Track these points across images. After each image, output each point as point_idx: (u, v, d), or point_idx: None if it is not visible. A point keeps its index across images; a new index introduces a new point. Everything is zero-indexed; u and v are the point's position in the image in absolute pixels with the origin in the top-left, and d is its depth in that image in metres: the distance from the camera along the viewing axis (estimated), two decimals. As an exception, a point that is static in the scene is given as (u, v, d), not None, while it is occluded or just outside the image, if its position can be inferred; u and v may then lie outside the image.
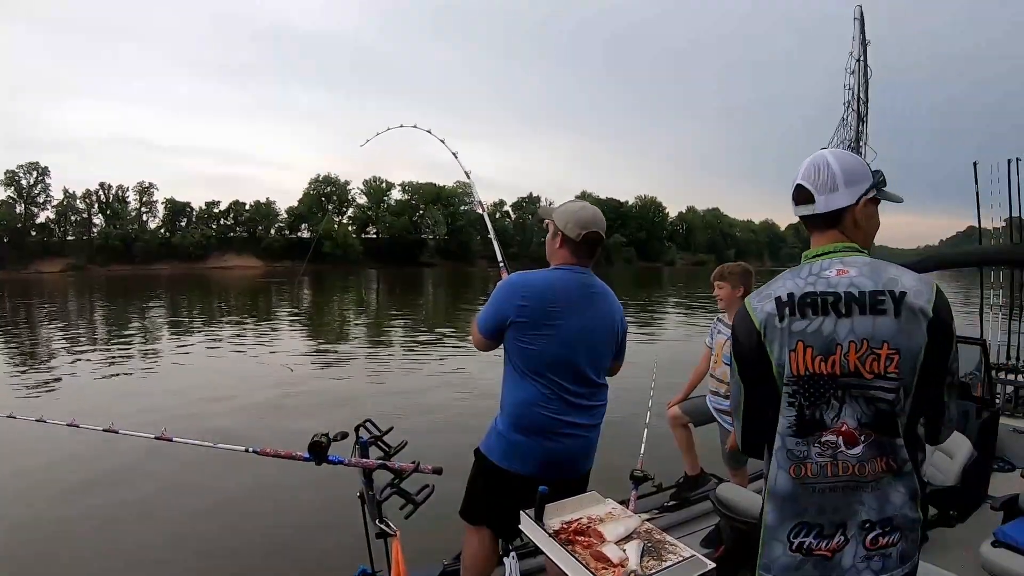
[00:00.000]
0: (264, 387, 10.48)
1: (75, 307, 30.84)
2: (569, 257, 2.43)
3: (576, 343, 2.35)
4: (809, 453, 1.50)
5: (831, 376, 1.48)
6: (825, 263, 1.55)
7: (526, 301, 2.33)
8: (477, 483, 2.51)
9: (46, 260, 74.13)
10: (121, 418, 2.85)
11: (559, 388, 2.34)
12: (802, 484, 1.51)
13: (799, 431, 1.51)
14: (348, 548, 2.80)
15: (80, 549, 4.91)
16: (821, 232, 1.61)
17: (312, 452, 2.24)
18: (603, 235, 2.45)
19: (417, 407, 8.92)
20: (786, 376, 1.52)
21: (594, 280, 2.46)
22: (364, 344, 16.77)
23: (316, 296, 37.07)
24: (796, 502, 1.52)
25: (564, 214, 2.43)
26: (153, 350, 15.36)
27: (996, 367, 5.81)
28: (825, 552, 1.49)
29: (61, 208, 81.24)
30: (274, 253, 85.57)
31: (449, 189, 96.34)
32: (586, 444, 2.44)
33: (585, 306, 2.40)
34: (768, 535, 1.56)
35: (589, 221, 2.41)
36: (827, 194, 1.57)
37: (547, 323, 2.31)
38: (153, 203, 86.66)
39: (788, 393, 1.52)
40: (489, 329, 2.41)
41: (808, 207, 1.60)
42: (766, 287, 1.60)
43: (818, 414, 1.49)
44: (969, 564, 3.21)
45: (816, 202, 1.59)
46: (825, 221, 1.59)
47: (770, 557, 1.55)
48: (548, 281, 2.40)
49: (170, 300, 33.66)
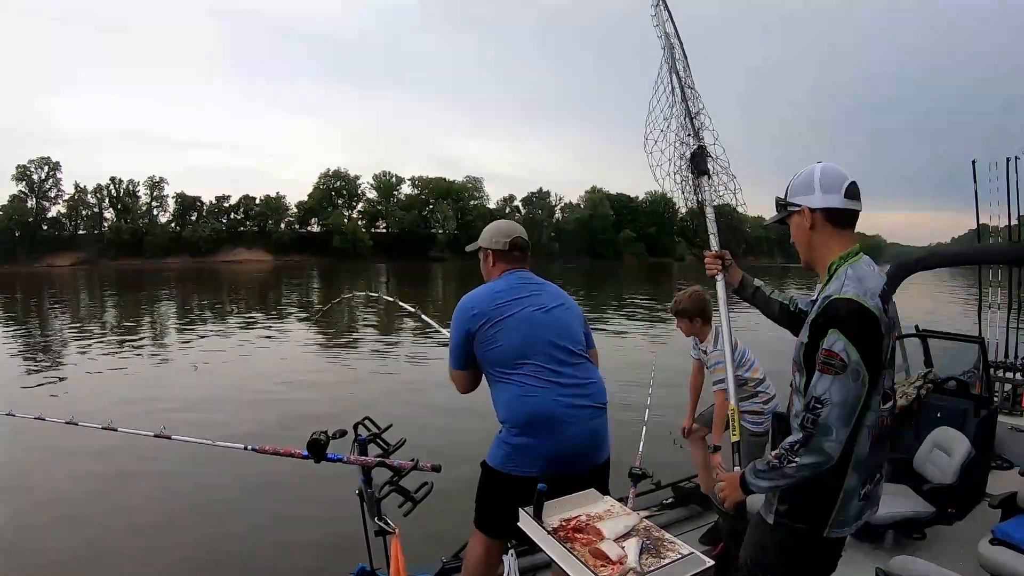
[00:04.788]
0: (264, 385, 10.42)
1: (85, 301, 31.02)
2: (503, 267, 2.61)
3: (538, 322, 2.44)
4: (873, 418, 1.79)
5: (891, 347, 1.82)
6: (866, 259, 1.84)
7: (476, 309, 2.44)
8: (488, 496, 2.47)
9: (57, 254, 74.57)
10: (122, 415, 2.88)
11: (540, 371, 2.36)
12: (876, 442, 1.81)
13: (883, 399, 1.81)
14: (347, 545, 2.82)
15: (80, 548, 4.92)
16: (849, 230, 1.87)
17: (311, 450, 2.26)
18: (526, 240, 2.67)
19: (417, 405, 8.90)
20: (887, 358, 1.80)
21: (533, 276, 2.62)
22: (370, 340, 16.76)
23: (325, 291, 37.06)
24: (870, 459, 1.81)
25: (487, 233, 2.67)
26: (160, 345, 15.43)
27: (994, 365, 5.80)
28: (874, 488, 1.86)
29: (72, 202, 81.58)
30: (284, 247, 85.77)
31: (459, 184, 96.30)
32: (591, 431, 2.39)
33: (531, 291, 2.53)
34: (847, 498, 1.81)
35: (510, 229, 2.66)
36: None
37: (502, 316, 2.41)
38: (163, 197, 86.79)
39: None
40: (460, 358, 2.49)
41: (859, 204, 1.87)
42: (859, 283, 1.75)
43: (887, 381, 1.83)
44: (967, 561, 3.22)
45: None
46: (856, 220, 1.89)
47: (846, 514, 1.82)
48: (490, 287, 2.56)
49: (180, 294, 33.77)
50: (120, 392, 10.05)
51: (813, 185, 1.85)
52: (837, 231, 1.86)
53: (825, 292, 1.81)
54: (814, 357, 1.76)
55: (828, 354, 1.70)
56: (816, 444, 1.71)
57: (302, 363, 12.44)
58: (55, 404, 9.25)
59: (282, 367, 12.01)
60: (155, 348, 15.04)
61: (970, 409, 4.32)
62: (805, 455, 1.73)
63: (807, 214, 1.86)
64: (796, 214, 1.90)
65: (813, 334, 1.78)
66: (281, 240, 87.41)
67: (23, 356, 14.09)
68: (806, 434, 1.73)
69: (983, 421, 4.29)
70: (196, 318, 22.71)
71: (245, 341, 15.75)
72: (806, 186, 1.86)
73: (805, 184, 1.87)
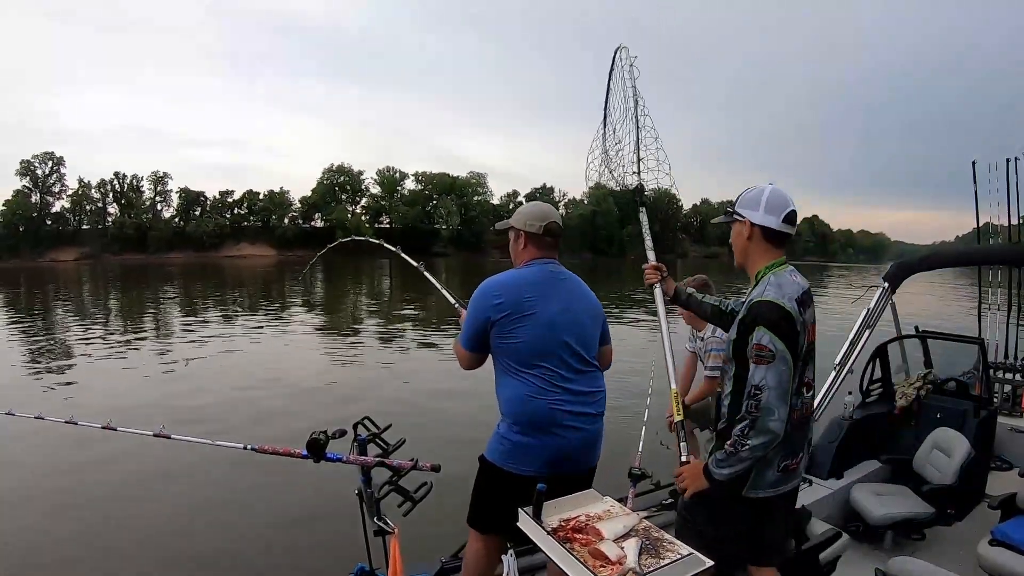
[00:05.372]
0: (265, 382, 10.40)
1: (88, 296, 31.09)
2: (534, 252, 2.52)
3: (559, 324, 2.39)
4: (797, 402, 2.08)
5: (810, 344, 2.14)
6: (790, 268, 2.17)
7: (501, 298, 2.38)
8: (483, 490, 2.49)
9: (61, 249, 74.63)
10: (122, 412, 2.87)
11: (552, 376, 2.35)
12: (797, 426, 2.10)
13: (798, 388, 2.09)
14: (346, 545, 2.81)
15: (80, 547, 4.94)
16: (780, 248, 2.20)
17: (310, 449, 2.24)
18: (561, 226, 2.57)
19: (417, 405, 8.89)
20: (802, 351, 2.08)
21: (562, 268, 2.54)
22: (372, 337, 16.84)
23: (328, 286, 37.02)
24: (791, 440, 2.08)
25: (521, 215, 2.57)
26: (162, 342, 15.42)
27: (994, 366, 5.80)
28: (794, 465, 2.16)
29: (76, 197, 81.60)
30: (287, 242, 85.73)
31: (463, 180, 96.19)
32: (589, 437, 2.42)
33: (559, 291, 2.46)
34: (763, 467, 2.09)
35: (546, 213, 2.55)
36: None
37: (526, 312, 2.36)
38: (167, 192, 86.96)
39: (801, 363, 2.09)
40: (473, 340, 2.45)
41: (793, 229, 2.21)
42: (779, 289, 2.08)
43: (807, 373, 2.15)
44: (967, 562, 3.22)
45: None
46: (786, 242, 2.21)
47: (762, 481, 2.11)
48: (518, 276, 2.48)
49: (183, 289, 33.80)
50: (121, 388, 10.06)
51: (759, 203, 2.15)
52: (769, 246, 2.18)
53: (750, 296, 2.14)
54: (742, 350, 2.08)
55: (759, 347, 2.01)
56: (762, 425, 1.99)
57: (303, 362, 12.33)
58: (56, 400, 9.29)
59: (282, 366, 11.92)
60: (156, 344, 15.08)
61: (970, 410, 4.33)
62: (754, 437, 2.00)
63: (748, 226, 2.18)
64: (739, 222, 2.22)
65: (741, 331, 2.11)
66: (284, 235, 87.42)
67: (26, 350, 14.11)
68: (752, 418, 2.00)
69: (983, 422, 4.30)
70: (200, 311, 22.78)
71: (242, 338, 15.79)
72: (754, 202, 2.17)
73: (753, 200, 2.17)
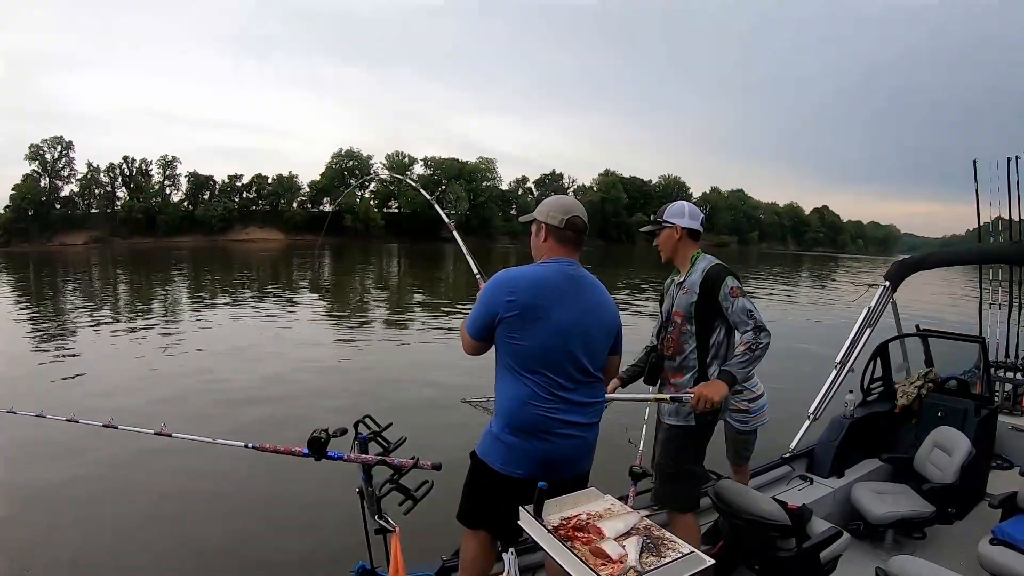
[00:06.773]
0: (264, 381, 10.28)
1: (98, 280, 31.15)
2: (555, 248, 2.44)
3: (569, 334, 2.31)
4: None
5: None
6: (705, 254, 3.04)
7: (514, 296, 2.29)
8: (473, 486, 2.48)
9: (70, 233, 74.72)
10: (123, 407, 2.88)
11: (553, 384, 2.29)
12: None
13: None
14: (347, 544, 2.83)
15: (79, 547, 4.97)
16: (697, 243, 3.06)
17: (311, 448, 2.26)
18: (586, 222, 2.49)
19: (418, 404, 8.87)
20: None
21: (583, 272, 2.45)
22: (379, 327, 16.84)
23: (337, 271, 37.01)
24: None
25: (545, 206, 2.49)
26: (169, 331, 15.38)
27: (995, 365, 5.81)
28: None
29: (85, 181, 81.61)
30: (296, 226, 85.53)
31: (471, 165, 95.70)
32: (583, 445, 2.39)
33: (576, 297, 2.36)
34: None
35: (570, 207, 2.47)
36: None
37: (537, 316, 2.28)
38: (176, 176, 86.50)
39: None
40: (479, 330, 2.37)
41: (702, 228, 3.10)
42: (714, 259, 2.97)
43: None
44: (967, 561, 3.23)
45: None
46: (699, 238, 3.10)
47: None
48: (535, 274, 2.38)
49: (192, 273, 33.88)
50: (121, 383, 9.94)
51: (684, 213, 3.02)
52: (692, 242, 3.04)
53: (697, 269, 2.93)
54: (703, 309, 2.86)
55: (733, 290, 2.79)
56: (765, 328, 2.74)
57: (304, 360, 11.99)
58: (59, 393, 9.26)
59: (284, 361, 11.81)
60: (165, 329, 15.14)
61: (971, 409, 4.32)
62: (764, 336, 2.74)
63: (678, 229, 3.01)
64: (668, 228, 3.03)
65: (703, 293, 2.85)
66: (293, 219, 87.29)
67: (33, 336, 14.19)
68: (757, 325, 2.73)
69: (983, 421, 4.29)
70: (208, 295, 22.85)
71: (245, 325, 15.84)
72: (679, 212, 3.03)
73: (678, 211, 3.04)
